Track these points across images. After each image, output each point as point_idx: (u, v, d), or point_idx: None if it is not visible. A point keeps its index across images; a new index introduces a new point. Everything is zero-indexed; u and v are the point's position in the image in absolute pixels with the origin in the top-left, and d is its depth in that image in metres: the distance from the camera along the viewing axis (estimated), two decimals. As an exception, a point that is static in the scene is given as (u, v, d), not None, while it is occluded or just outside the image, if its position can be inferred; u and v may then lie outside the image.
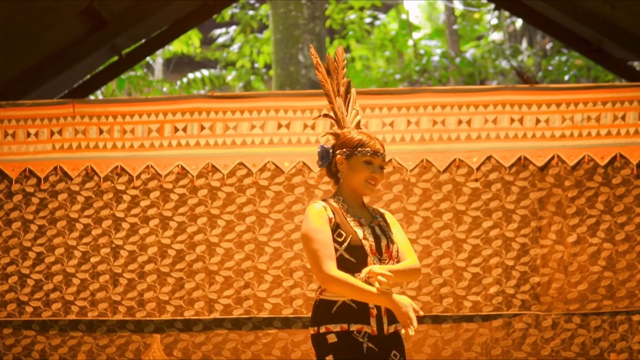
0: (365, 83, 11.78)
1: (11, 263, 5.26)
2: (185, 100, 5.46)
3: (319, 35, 9.22)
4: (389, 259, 3.41)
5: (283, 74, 9.26)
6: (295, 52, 9.19)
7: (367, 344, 3.29)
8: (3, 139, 5.47)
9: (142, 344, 5.15)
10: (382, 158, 3.48)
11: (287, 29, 9.31)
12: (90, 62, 8.20)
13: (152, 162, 5.31)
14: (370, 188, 3.46)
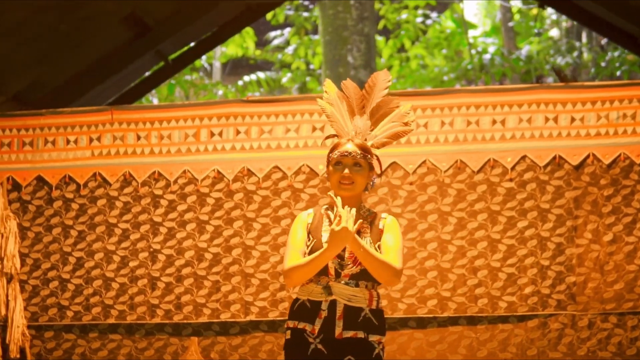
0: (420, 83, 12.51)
1: (52, 268, 6.01)
2: (220, 105, 6.18)
3: (368, 35, 9.94)
4: (352, 263, 3.90)
5: (332, 75, 9.98)
6: (344, 53, 9.92)
7: (317, 345, 3.83)
8: (43, 146, 6.27)
9: (180, 346, 5.79)
10: (352, 157, 3.97)
11: (335, 30, 10.05)
12: (136, 69, 9.07)
13: (188, 166, 6.00)
14: (344, 188, 3.97)
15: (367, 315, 3.92)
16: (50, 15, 7.35)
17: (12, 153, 6.14)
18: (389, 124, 4.19)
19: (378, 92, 4.21)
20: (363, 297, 3.92)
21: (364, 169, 4.02)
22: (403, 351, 5.59)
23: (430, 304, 5.60)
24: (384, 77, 4.27)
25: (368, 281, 3.96)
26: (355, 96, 4.22)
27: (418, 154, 5.73)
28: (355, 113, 4.18)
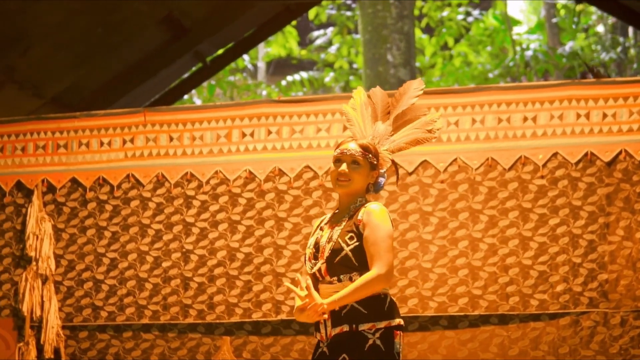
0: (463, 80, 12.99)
1: (86, 269, 6.42)
2: (252, 106, 6.51)
3: (408, 34, 10.38)
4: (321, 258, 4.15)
5: (372, 74, 10.44)
6: (383, 52, 10.37)
7: (323, 349, 4.11)
8: (78, 148, 6.79)
9: (212, 346, 6.12)
10: (350, 155, 4.22)
11: (375, 29, 10.51)
12: (175, 70, 9.64)
13: (220, 167, 6.35)
14: (340, 185, 4.22)
15: (351, 307, 4.06)
16: (86, 19, 7.91)
17: (47, 155, 6.68)
18: (411, 130, 4.46)
19: (407, 99, 4.50)
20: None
21: (362, 167, 4.25)
22: (434, 350, 5.89)
23: (461, 302, 5.89)
24: (416, 86, 4.55)
25: (350, 273, 4.12)
26: (382, 102, 4.50)
27: (449, 152, 6.03)
28: (378, 119, 4.47)
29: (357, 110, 4.53)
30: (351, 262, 4.13)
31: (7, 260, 6.55)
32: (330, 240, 4.19)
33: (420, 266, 6.00)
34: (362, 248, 4.13)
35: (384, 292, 4.12)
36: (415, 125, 4.50)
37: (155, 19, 8.46)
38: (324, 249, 4.18)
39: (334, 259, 4.15)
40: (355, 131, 4.49)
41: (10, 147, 6.68)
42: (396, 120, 4.52)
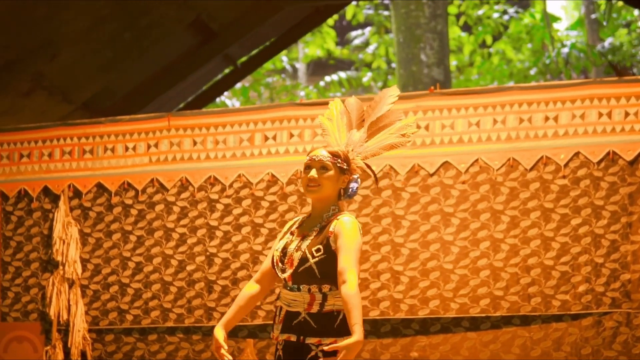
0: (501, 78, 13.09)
1: (112, 273, 6.64)
2: (274, 109, 6.66)
3: (441, 33, 10.50)
4: (289, 266, 4.27)
5: (406, 74, 10.59)
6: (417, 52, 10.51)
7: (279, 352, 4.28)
8: (103, 153, 7.00)
9: (236, 348, 6.28)
10: (318, 161, 4.35)
11: (408, 29, 10.66)
12: (205, 74, 9.87)
13: (243, 170, 6.50)
14: (310, 190, 4.35)
15: (303, 319, 4.22)
16: (113, 25, 8.14)
17: (73, 161, 6.91)
18: (385, 135, 4.60)
19: (382, 106, 4.64)
20: (302, 302, 4.24)
21: (331, 173, 4.36)
22: (456, 351, 6.01)
23: (482, 303, 6.00)
24: (392, 93, 4.70)
25: (311, 284, 4.25)
26: (357, 111, 4.65)
27: (470, 153, 6.15)
28: (353, 127, 4.62)
29: (333, 121, 4.68)
30: (314, 274, 4.26)
31: (35, 264, 6.79)
32: (298, 249, 4.31)
33: (442, 267, 6.13)
34: (327, 261, 4.25)
35: (338, 309, 4.23)
36: (390, 130, 4.63)
37: (184, 23, 8.68)
38: (292, 257, 4.31)
39: (299, 268, 4.28)
40: (330, 141, 4.64)
41: (37, 153, 6.92)
42: (371, 127, 4.65)
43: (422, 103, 6.35)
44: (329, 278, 4.24)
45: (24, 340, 6.67)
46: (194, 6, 8.52)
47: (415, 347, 6.13)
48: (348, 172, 4.44)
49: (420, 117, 6.31)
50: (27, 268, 6.82)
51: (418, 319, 6.14)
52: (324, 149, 4.46)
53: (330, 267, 4.23)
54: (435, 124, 6.30)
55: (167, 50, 8.92)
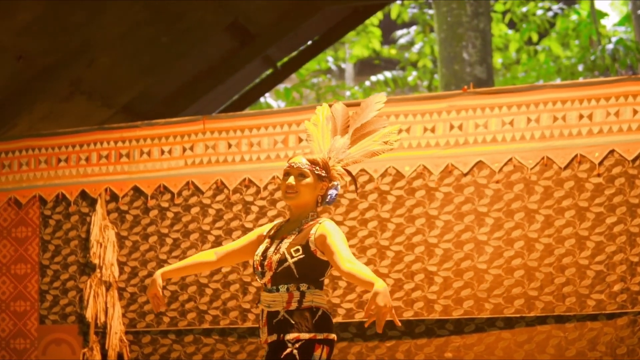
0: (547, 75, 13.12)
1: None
2: (308, 111, 6.78)
3: (483, 31, 10.55)
4: (268, 269, 4.37)
5: (448, 73, 10.66)
6: (459, 51, 10.58)
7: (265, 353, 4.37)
8: (139, 157, 7.15)
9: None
10: (297, 168, 4.47)
11: (450, 27, 10.73)
12: (244, 76, 10.04)
13: (278, 173, 6.61)
14: (288, 197, 4.47)
15: (283, 317, 4.33)
16: (150, 29, 8.31)
17: (110, 165, 7.07)
18: (368, 142, 4.71)
19: (367, 113, 4.77)
20: (280, 301, 4.34)
21: (309, 180, 4.48)
22: (491, 352, 6.05)
23: (517, 303, 6.03)
24: (378, 99, 4.82)
25: (289, 284, 4.36)
26: (342, 117, 4.79)
27: (504, 152, 6.19)
28: (337, 133, 4.74)
29: (318, 126, 4.80)
30: (292, 274, 4.37)
31: (73, 267, 6.97)
32: (277, 252, 4.42)
33: (476, 267, 6.19)
34: (305, 262, 4.36)
35: (317, 305, 4.34)
36: (374, 137, 4.73)
37: (221, 27, 8.83)
38: (271, 260, 4.42)
39: (277, 269, 4.39)
40: (313, 147, 4.75)
41: (74, 157, 7.10)
42: (355, 134, 4.76)
43: (455, 102, 6.41)
44: (307, 278, 4.36)
45: (62, 342, 6.85)
46: (231, 9, 8.66)
47: (449, 348, 6.19)
48: (327, 179, 4.56)
49: (453, 116, 6.39)
50: (65, 271, 7.00)
51: (452, 319, 6.21)
52: (303, 156, 4.59)
53: (309, 268, 4.37)
54: (468, 124, 6.37)
55: (205, 54, 9.08)
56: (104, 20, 7.76)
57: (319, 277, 4.41)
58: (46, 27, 7.42)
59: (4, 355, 6.95)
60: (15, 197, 7.17)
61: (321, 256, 4.37)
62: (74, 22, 7.56)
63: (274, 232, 4.56)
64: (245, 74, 9.81)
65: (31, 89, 7.98)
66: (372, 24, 15.67)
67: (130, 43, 8.26)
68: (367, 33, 15.72)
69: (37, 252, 7.06)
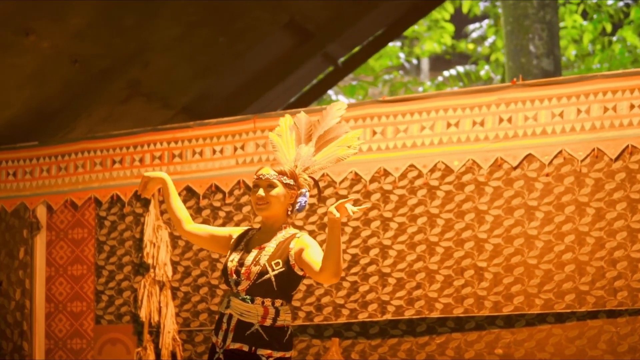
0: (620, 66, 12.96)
1: (201, 275, 6.84)
2: (357, 107, 6.75)
3: (550, 23, 10.51)
4: (246, 279, 4.47)
5: (514, 66, 10.63)
6: (525, 43, 10.54)
7: (220, 356, 4.46)
8: (192, 157, 7.33)
9: (321, 347, 6.52)
10: (265, 179, 4.59)
11: (516, 19, 10.70)
12: (305, 74, 10.13)
13: (327, 170, 6.90)
14: (260, 209, 4.60)
15: (256, 330, 4.47)
16: (206, 30, 8.45)
17: (163, 165, 7.23)
18: (333, 148, 4.83)
19: (329, 120, 4.88)
20: (255, 314, 4.47)
21: (278, 190, 4.62)
22: (541, 348, 6.03)
23: (568, 298, 5.99)
24: (338, 107, 4.93)
25: (265, 297, 4.49)
26: (305, 126, 4.89)
27: (554, 145, 6.17)
28: (301, 142, 4.85)
29: (282, 137, 4.90)
30: (271, 287, 4.50)
31: (127, 268, 7.15)
32: (257, 263, 4.54)
33: (526, 262, 6.19)
34: (285, 275, 4.51)
35: (286, 324, 4.54)
36: (338, 143, 4.84)
37: (278, 25, 8.94)
38: (249, 269, 4.53)
39: (257, 280, 4.51)
40: (279, 157, 4.86)
41: (129, 158, 7.29)
42: (318, 141, 4.87)
43: (504, 95, 6.43)
44: (284, 293, 4.54)
45: (118, 342, 7.04)
46: (287, 8, 8.77)
47: (499, 344, 6.20)
48: (295, 187, 4.69)
49: (502, 109, 6.40)
50: (120, 271, 7.19)
51: (502, 315, 6.22)
52: (270, 167, 4.71)
53: (287, 282, 4.53)
54: (518, 116, 6.37)
55: (263, 53, 9.20)
56: (158, 23, 7.93)
57: (292, 291, 4.61)
58: (100, 31, 7.61)
59: (62, 355, 7.17)
60: (72, 199, 7.38)
61: (299, 271, 4.54)
62: (127, 25, 7.74)
63: (246, 240, 4.71)
64: (305, 72, 9.92)
65: (88, 92, 8.20)
66: (443, 18, 15.66)
67: (186, 44, 8.41)
68: (439, 28, 15.73)
69: (92, 253, 7.26)
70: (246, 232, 4.79)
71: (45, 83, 7.79)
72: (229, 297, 4.59)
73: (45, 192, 7.48)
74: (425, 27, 15.94)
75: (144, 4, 7.61)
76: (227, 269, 4.62)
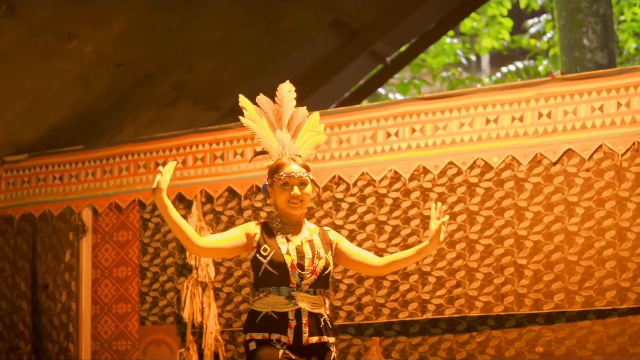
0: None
1: (244, 275, 6.90)
2: (396, 105, 6.75)
3: (604, 16, 10.40)
4: (312, 273, 4.53)
5: (568, 61, 10.54)
6: (579, 37, 10.44)
7: (284, 351, 4.43)
8: (233, 158, 7.44)
9: (362, 347, 6.53)
10: (298, 177, 4.62)
11: (570, 13, 10.61)
12: (353, 73, 10.17)
13: (367, 168, 6.72)
14: (293, 207, 4.62)
15: (324, 321, 4.59)
16: (250, 31, 8.52)
17: (205, 167, 7.33)
18: (306, 134, 4.87)
19: (287, 104, 4.89)
20: (320, 304, 4.58)
21: (310, 186, 4.69)
22: (582, 345, 5.96)
23: (609, 295, 5.92)
24: (287, 89, 4.96)
25: (322, 288, 4.61)
26: (271, 110, 4.88)
27: (594, 139, 6.09)
28: (275, 127, 4.85)
29: (256, 122, 4.89)
30: (328, 279, 4.70)
31: (171, 269, 7.25)
32: (319, 257, 4.63)
33: (566, 259, 6.14)
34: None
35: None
36: (306, 129, 4.91)
37: (323, 25, 8.98)
38: (314, 263, 4.61)
39: (322, 273, 4.62)
40: (264, 144, 4.87)
41: (171, 161, 7.37)
42: (289, 127, 4.89)
43: (543, 90, 6.39)
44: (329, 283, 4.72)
45: (162, 343, 7.14)
46: (332, 7, 8.80)
47: (540, 342, 6.17)
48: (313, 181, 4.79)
49: (542, 104, 6.36)
50: (163, 273, 7.29)
51: (543, 313, 6.18)
52: (294, 163, 4.73)
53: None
54: (557, 111, 6.33)
55: (309, 52, 9.25)
56: (201, 25, 8.02)
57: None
58: (142, 34, 7.72)
59: (107, 356, 7.29)
60: (116, 201, 7.50)
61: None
62: (169, 28, 7.84)
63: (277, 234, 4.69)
64: (353, 71, 9.93)
65: (133, 95, 8.32)
66: (501, 14, 15.57)
67: (231, 46, 8.49)
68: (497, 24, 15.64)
69: (137, 255, 7.38)
70: (266, 226, 4.75)
71: (90, 87, 7.92)
72: (289, 294, 4.57)
73: (90, 195, 7.61)
74: (484, 23, 15.84)
75: (186, 6, 7.70)
76: (285, 263, 4.59)
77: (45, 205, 7.69)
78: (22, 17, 6.94)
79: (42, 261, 7.55)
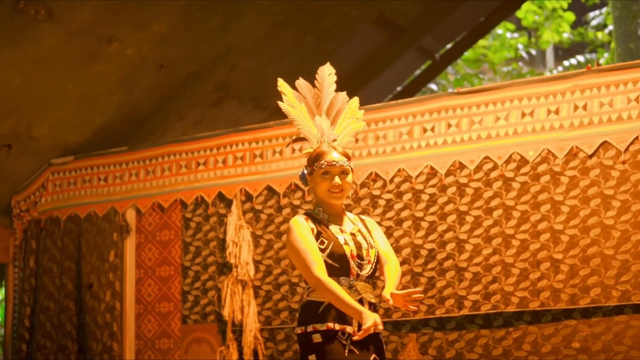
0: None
1: (282, 273, 6.99)
2: (432, 100, 6.74)
3: (661, 5, 10.35)
4: (368, 262, 4.49)
5: (623, 53, 10.42)
6: (634, 28, 10.33)
7: (350, 347, 4.35)
8: (272, 157, 7.49)
9: (399, 343, 6.56)
10: (339, 166, 4.53)
11: (624, 5, 10.50)
12: (402, 69, 10.18)
13: (403, 164, 6.74)
14: (334, 197, 4.53)
15: (377, 309, 4.55)
16: (292, 30, 8.59)
17: (245, 166, 7.41)
18: (345, 120, 4.75)
19: (327, 88, 4.76)
20: (372, 292, 4.54)
21: (351, 175, 4.62)
22: (619, 340, 5.89)
23: (647, 289, 5.84)
24: (328, 72, 4.80)
25: (373, 277, 4.60)
26: (311, 95, 4.76)
27: (630, 131, 6.02)
28: (314, 113, 4.73)
29: (295, 107, 4.76)
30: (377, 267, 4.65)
31: (212, 268, 7.33)
32: (372, 246, 4.62)
33: (603, 253, 6.08)
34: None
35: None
36: (347, 115, 4.79)
37: (368, 21, 9.00)
38: (369, 253, 4.60)
39: (376, 263, 4.61)
40: (303, 130, 4.73)
41: (212, 160, 7.48)
42: (329, 114, 4.77)
43: (579, 82, 6.35)
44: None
45: (203, 341, 7.23)
46: (376, 4, 8.82)
47: (576, 337, 6.12)
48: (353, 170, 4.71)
49: (577, 96, 6.32)
50: (205, 272, 7.37)
51: (579, 308, 6.13)
52: (334, 151, 4.64)
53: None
54: (593, 103, 6.28)
55: (355, 49, 9.27)
56: (241, 26, 8.08)
57: None
58: (183, 35, 7.82)
59: (150, 355, 7.41)
60: (159, 201, 7.61)
61: None
62: (210, 28, 7.93)
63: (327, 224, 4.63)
64: (401, 67, 9.94)
65: (177, 96, 8.43)
66: (562, 7, 15.44)
67: (274, 45, 8.56)
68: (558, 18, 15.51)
69: (179, 254, 7.48)
70: (312, 217, 4.66)
71: (133, 89, 8.05)
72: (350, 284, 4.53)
73: (134, 195, 7.74)
74: (545, 17, 15.71)
75: (225, 7, 7.78)
76: (345, 254, 4.54)
77: (91, 207, 7.83)
78: (61, 21, 7.07)
79: (87, 261, 7.69)
